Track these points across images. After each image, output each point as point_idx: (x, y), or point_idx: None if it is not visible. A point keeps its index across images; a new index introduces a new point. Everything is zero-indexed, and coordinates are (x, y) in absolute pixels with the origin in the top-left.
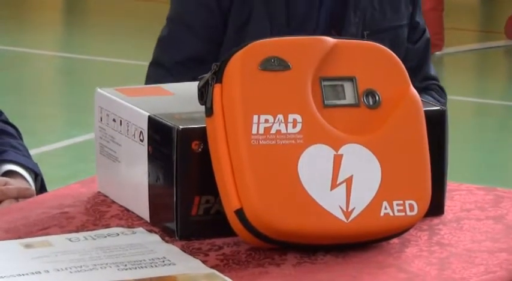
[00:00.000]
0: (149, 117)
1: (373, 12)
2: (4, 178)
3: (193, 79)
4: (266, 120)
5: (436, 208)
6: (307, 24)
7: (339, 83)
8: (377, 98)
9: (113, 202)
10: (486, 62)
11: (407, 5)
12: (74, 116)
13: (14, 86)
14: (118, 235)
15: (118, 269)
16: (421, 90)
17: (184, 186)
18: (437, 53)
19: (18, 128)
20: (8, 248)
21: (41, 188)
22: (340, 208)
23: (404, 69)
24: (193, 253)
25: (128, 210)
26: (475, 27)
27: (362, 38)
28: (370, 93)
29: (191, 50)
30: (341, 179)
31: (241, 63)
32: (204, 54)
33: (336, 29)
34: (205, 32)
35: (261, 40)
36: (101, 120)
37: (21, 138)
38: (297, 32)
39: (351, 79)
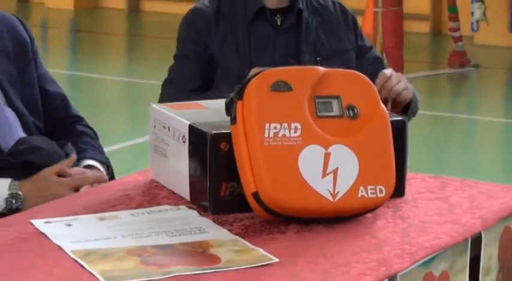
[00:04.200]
0: (190, 125)
1: (321, 42)
2: (83, 169)
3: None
4: (275, 127)
5: (398, 191)
6: (265, 55)
7: (328, 100)
8: (356, 111)
9: (163, 186)
10: (434, 84)
11: (347, 34)
12: (134, 124)
13: (89, 102)
14: (167, 210)
15: (167, 236)
16: None
17: (215, 175)
18: None
19: (95, 131)
20: (87, 221)
21: (111, 177)
22: (329, 191)
23: (376, 90)
24: (221, 223)
25: (174, 193)
26: (426, 59)
27: (316, 63)
28: (351, 107)
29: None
30: (329, 170)
31: (257, 85)
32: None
33: (294, 57)
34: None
35: (271, 69)
36: (155, 127)
37: (97, 139)
38: (257, 61)
39: (337, 97)
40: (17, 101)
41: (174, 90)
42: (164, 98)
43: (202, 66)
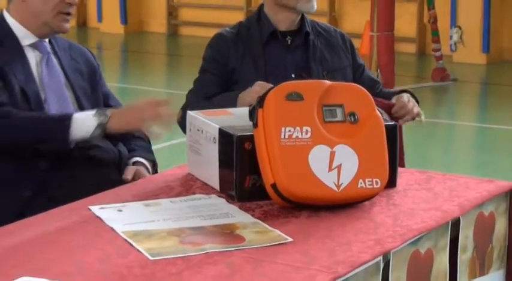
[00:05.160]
0: (219, 129)
1: (325, 59)
2: (136, 167)
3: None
4: (289, 130)
5: (391, 183)
6: (278, 69)
7: (333, 108)
8: (356, 117)
9: (197, 179)
10: (420, 95)
11: (345, 54)
12: (173, 127)
13: None
14: (200, 199)
15: (200, 219)
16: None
17: (240, 169)
18: None
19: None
20: (135, 207)
21: (155, 171)
22: (334, 183)
23: (372, 99)
24: (245, 209)
25: (206, 184)
26: (413, 74)
27: (323, 76)
28: (352, 114)
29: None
30: (334, 165)
31: (275, 96)
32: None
33: (304, 71)
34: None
35: (286, 82)
36: (190, 130)
37: (149, 142)
38: (271, 74)
39: (341, 105)
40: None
41: (195, 97)
42: (188, 104)
43: (220, 79)
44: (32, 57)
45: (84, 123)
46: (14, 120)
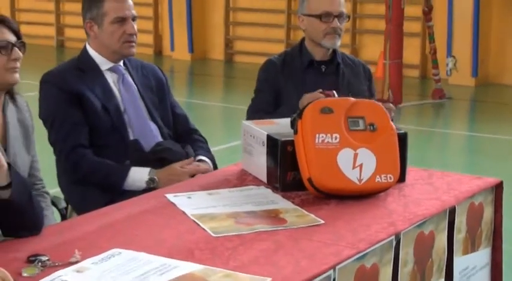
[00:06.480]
0: (267, 135)
1: (351, 84)
2: (198, 163)
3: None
4: (322, 136)
5: (401, 178)
6: (313, 91)
7: (357, 119)
8: (375, 127)
9: (250, 174)
10: (422, 110)
11: (365, 80)
12: (230, 133)
13: (200, 119)
14: (252, 189)
15: (252, 205)
16: None
17: (283, 167)
18: (399, 105)
19: (206, 138)
20: (199, 195)
21: (215, 167)
22: (357, 178)
23: (387, 113)
24: (287, 198)
25: (257, 178)
26: (417, 93)
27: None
28: (371, 124)
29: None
30: (357, 164)
31: (311, 109)
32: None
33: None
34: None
35: (320, 99)
36: (244, 135)
37: (207, 144)
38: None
39: (362, 117)
40: (158, 118)
41: (253, 112)
42: (248, 116)
43: (271, 96)
44: (110, 78)
45: (136, 182)
46: (87, 162)
